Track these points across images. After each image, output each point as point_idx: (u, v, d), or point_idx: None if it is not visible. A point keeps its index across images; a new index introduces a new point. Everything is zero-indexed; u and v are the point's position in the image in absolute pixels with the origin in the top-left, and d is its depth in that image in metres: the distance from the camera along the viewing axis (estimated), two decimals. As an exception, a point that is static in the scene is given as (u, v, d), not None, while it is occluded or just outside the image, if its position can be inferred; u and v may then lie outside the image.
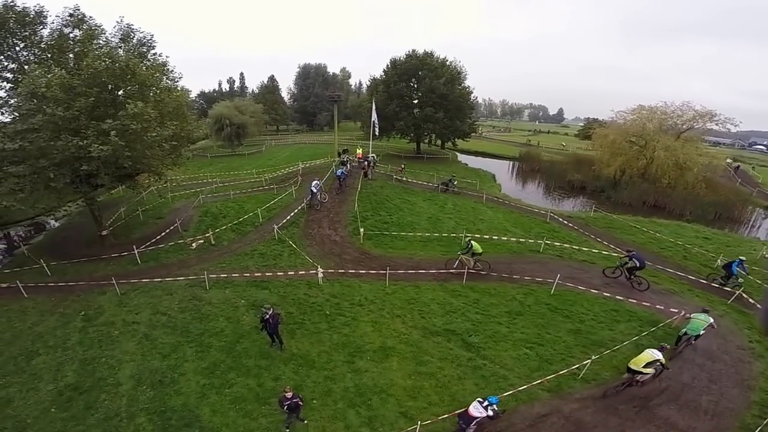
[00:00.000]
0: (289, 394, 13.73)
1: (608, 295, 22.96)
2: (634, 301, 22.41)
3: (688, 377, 17.13)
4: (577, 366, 17.04)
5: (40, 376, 17.30)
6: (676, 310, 20.91)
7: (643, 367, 15.67)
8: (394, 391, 16.19)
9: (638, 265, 23.78)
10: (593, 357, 17.02)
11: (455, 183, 43.84)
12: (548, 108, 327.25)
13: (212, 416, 15.05)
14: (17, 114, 24.74)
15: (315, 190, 35.67)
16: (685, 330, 18.47)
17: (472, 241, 25.20)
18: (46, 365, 17.91)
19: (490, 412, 13.54)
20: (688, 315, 19.45)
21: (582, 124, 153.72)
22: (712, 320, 17.58)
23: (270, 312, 17.46)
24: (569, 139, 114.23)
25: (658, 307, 21.90)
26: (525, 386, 16.11)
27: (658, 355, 15.61)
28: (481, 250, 25.06)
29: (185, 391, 16.22)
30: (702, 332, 17.86)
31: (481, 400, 13.78)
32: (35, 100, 22.67)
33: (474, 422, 13.63)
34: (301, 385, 16.27)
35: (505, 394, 15.64)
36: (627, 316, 21.31)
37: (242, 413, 15.15)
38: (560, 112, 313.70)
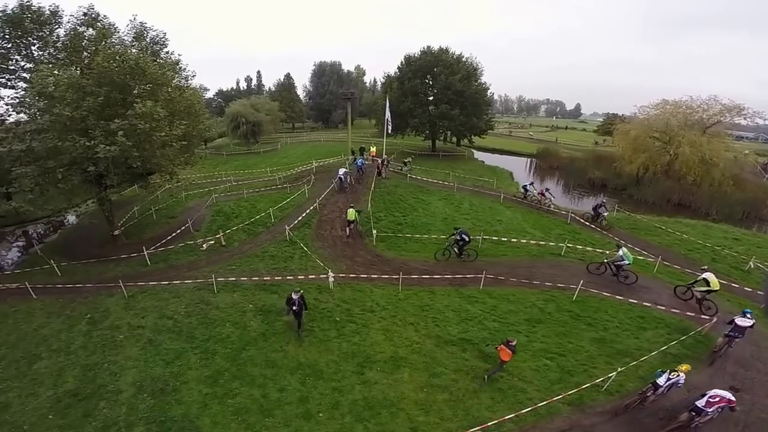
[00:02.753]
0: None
1: (634, 301, 21.86)
2: (662, 307, 21.30)
3: (718, 386, 15.83)
4: (602, 379, 16.12)
5: (41, 381, 16.87)
6: (707, 317, 19.93)
7: None
8: (405, 405, 15.36)
9: (466, 239, 25.87)
10: (619, 369, 16.13)
11: (606, 213, 34.39)
12: (565, 103, 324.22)
13: (213, 428, 14.42)
14: (28, 114, 24.63)
15: (343, 177, 38.92)
16: (628, 262, 23.29)
17: None
18: (48, 370, 17.47)
19: (754, 320, 17.08)
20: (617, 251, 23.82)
21: (600, 120, 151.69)
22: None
23: (299, 294, 18.41)
24: (588, 135, 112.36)
25: (688, 314, 20.80)
26: (545, 402, 15.20)
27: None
28: None
29: (186, 400, 15.59)
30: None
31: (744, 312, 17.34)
32: (45, 100, 22.40)
33: (744, 331, 16.99)
34: (307, 397, 15.56)
35: (525, 410, 14.80)
36: (654, 323, 20.26)
37: (244, 425, 14.49)
38: (577, 107, 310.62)
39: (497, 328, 19.79)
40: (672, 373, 14.45)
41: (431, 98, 63.44)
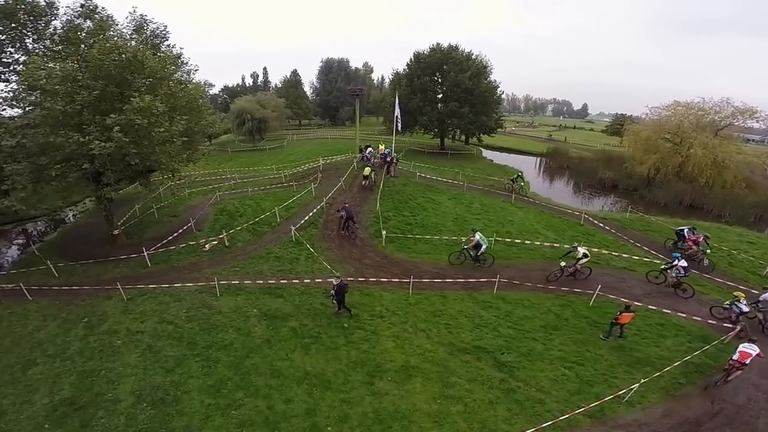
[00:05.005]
0: None
1: (653, 307, 21.08)
2: (683, 314, 20.51)
3: (743, 398, 15.62)
4: (624, 390, 15.43)
5: (36, 388, 16.22)
6: (730, 325, 19.13)
7: None
8: (417, 418, 14.58)
9: (347, 215, 28.43)
10: (642, 380, 15.43)
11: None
12: (572, 103, 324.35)
13: (216, 442, 13.65)
14: (21, 108, 23.89)
15: (368, 155, 43.90)
16: (485, 245, 24.52)
17: None
18: (43, 376, 16.81)
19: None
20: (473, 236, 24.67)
21: (607, 120, 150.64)
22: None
23: (339, 281, 18.94)
24: (596, 135, 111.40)
25: (710, 322, 20.00)
26: (566, 416, 14.48)
27: None
28: None
29: (188, 411, 14.83)
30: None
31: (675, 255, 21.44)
32: (38, 93, 21.62)
33: (688, 270, 21.64)
34: (314, 409, 14.75)
35: (544, 425, 14.05)
36: (674, 331, 19.54)
37: (249, 439, 13.69)
38: (584, 107, 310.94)
39: (513, 335, 19.01)
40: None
41: (440, 96, 62.57)
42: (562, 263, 23.40)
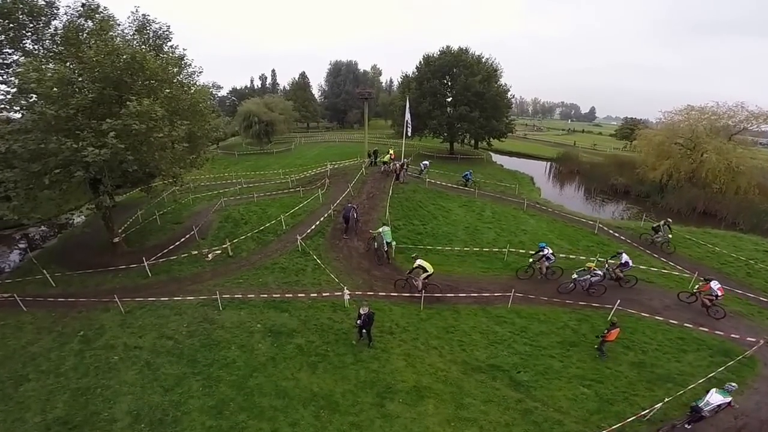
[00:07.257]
0: None
1: (675, 322, 20.22)
2: (705, 329, 19.67)
3: (766, 413, 15.07)
4: (649, 410, 14.75)
5: (28, 405, 15.53)
6: (753, 339, 18.38)
7: None
8: (431, 443, 13.71)
9: (345, 215, 29.01)
10: (666, 399, 14.84)
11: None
12: (580, 106, 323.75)
13: (217, 468, 12.86)
14: (15, 112, 23.19)
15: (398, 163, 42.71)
16: (388, 241, 25.52)
17: None
18: (36, 393, 16.11)
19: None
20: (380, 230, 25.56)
21: (615, 123, 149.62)
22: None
23: (366, 310, 17.43)
24: (605, 139, 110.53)
25: (733, 336, 19.17)
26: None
27: None
28: None
29: (188, 434, 13.97)
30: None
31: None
32: (33, 97, 20.95)
33: (553, 255, 23.30)
34: (321, 435, 13.85)
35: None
36: (695, 345, 18.77)
37: (252, 466, 12.88)
38: (592, 110, 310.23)
39: (529, 352, 18.21)
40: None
41: (450, 99, 61.90)
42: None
